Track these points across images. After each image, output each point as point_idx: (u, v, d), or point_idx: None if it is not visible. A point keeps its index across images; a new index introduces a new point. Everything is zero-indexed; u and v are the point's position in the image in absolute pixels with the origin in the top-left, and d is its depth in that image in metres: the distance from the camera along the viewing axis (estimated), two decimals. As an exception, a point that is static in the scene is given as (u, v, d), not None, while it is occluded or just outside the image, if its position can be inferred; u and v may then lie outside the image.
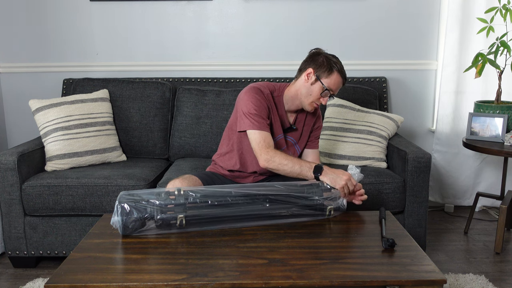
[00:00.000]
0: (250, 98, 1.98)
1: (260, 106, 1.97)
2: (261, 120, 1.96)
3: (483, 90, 3.06)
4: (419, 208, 2.39)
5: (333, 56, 2.04)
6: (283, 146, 2.11)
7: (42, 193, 2.34)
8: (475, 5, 2.96)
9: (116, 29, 3.11)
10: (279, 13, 3.08)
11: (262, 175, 2.16)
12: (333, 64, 1.99)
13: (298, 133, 2.16)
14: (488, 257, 2.57)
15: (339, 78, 2.00)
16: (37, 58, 3.14)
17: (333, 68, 1.98)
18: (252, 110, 1.96)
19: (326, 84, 1.98)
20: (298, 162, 1.89)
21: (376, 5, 3.09)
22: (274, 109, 2.06)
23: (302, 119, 2.15)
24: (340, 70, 2.00)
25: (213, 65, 3.15)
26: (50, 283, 1.35)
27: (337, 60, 2.02)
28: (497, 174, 3.14)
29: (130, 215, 1.62)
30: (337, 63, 2.00)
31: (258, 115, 1.96)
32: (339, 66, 2.00)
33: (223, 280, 1.36)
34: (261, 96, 2.00)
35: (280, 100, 2.08)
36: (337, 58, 2.03)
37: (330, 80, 1.99)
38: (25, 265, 2.46)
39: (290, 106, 2.09)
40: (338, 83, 2.01)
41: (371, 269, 1.42)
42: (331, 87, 2.00)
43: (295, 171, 1.88)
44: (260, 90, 2.02)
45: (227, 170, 2.16)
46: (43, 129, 2.57)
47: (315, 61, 2.01)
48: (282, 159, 1.89)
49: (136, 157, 2.85)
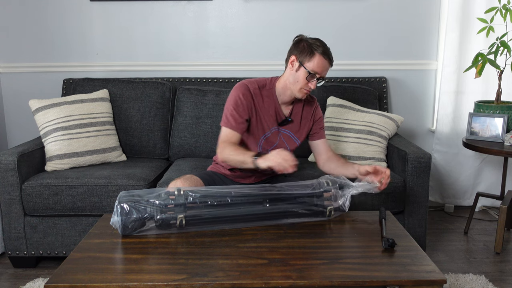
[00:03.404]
0: (232, 97, 2.04)
1: (239, 105, 2.01)
2: (233, 119, 2.00)
3: (483, 90, 3.06)
4: (419, 208, 2.39)
5: (316, 39, 2.02)
6: (275, 141, 2.11)
7: (42, 193, 2.34)
8: (475, 5, 2.95)
9: (116, 29, 3.11)
10: (279, 13, 3.08)
11: (264, 175, 2.17)
12: (314, 47, 1.97)
13: (295, 125, 2.15)
14: (488, 257, 2.57)
15: (322, 59, 1.98)
16: (37, 58, 3.14)
17: (314, 51, 1.97)
18: (230, 108, 2.02)
19: (309, 68, 1.97)
20: (242, 153, 1.89)
21: (376, 5, 3.09)
22: (263, 104, 2.07)
23: (299, 111, 2.15)
24: (324, 51, 1.98)
25: (213, 65, 3.15)
26: (50, 283, 1.35)
27: (320, 43, 2.00)
28: (497, 174, 3.14)
29: (130, 215, 1.62)
30: (320, 46, 1.98)
31: (233, 114, 2.00)
32: (322, 48, 1.98)
33: (223, 280, 1.36)
34: (245, 93, 2.03)
35: (272, 93, 2.09)
36: (320, 41, 2.01)
37: (313, 63, 1.97)
38: (25, 265, 2.46)
39: (283, 98, 2.09)
40: (321, 65, 1.98)
41: (371, 269, 1.42)
42: (315, 69, 1.98)
43: (239, 159, 1.89)
44: (247, 87, 2.04)
45: (228, 170, 2.17)
46: (43, 129, 2.57)
47: (297, 48, 2.01)
48: (231, 150, 1.92)
49: (136, 157, 2.85)
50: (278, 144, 2.11)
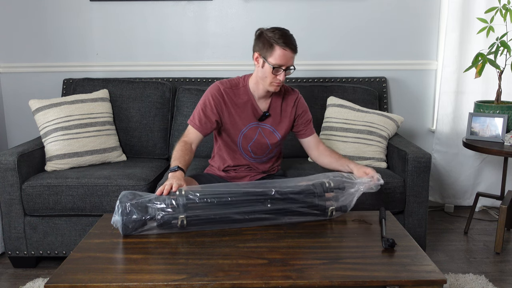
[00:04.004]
0: (202, 98, 2.10)
1: (207, 106, 2.06)
2: (199, 119, 2.05)
3: (483, 90, 3.06)
4: (419, 208, 2.39)
5: (274, 30, 1.98)
6: (253, 137, 2.12)
7: (42, 193, 2.34)
8: (475, 5, 2.95)
9: (116, 29, 3.11)
10: (279, 13, 3.08)
11: (258, 174, 2.18)
12: (273, 41, 1.95)
13: (276, 118, 2.15)
14: (488, 257, 2.57)
15: (283, 50, 1.95)
16: (37, 58, 3.14)
17: (274, 44, 1.95)
18: (199, 108, 2.08)
19: (272, 63, 1.96)
20: (177, 158, 1.93)
21: (376, 5, 3.09)
22: (238, 102, 2.08)
23: (277, 104, 2.15)
24: (285, 42, 1.95)
25: (213, 65, 3.15)
26: (50, 283, 1.35)
27: (280, 34, 1.96)
28: (497, 174, 3.14)
29: (131, 215, 1.62)
30: (280, 37, 1.95)
31: (199, 114, 2.06)
32: (282, 39, 1.95)
33: (223, 280, 1.36)
34: (214, 95, 2.06)
35: (247, 90, 2.10)
36: (280, 31, 1.98)
37: (274, 57, 1.96)
38: (25, 265, 2.46)
39: (259, 93, 2.10)
40: (284, 56, 1.96)
41: (371, 269, 1.42)
42: (279, 62, 1.96)
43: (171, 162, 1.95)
44: (218, 88, 2.08)
45: (222, 171, 2.19)
46: (43, 129, 2.57)
47: (258, 44, 2.01)
48: (176, 150, 1.98)
49: (136, 157, 2.85)
50: (256, 139, 2.12)
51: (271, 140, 2.14)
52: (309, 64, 3.11)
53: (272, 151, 2.19)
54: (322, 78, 3.05)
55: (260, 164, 2.21)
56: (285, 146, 2.75)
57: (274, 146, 2.17)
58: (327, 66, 3.14)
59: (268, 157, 2.21)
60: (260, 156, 2.18)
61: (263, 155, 2.18)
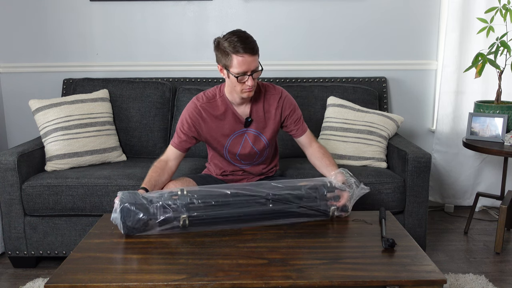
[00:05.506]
0: (180, 117, 2.09)
1: (184, 125, 2.06)
2: (177, 137, 2.06)
3: (483, 90, 3.06)
4: (419, 208, 2.39)
5: (228, 37, 1.90)
6: (239, 144, 2.09)
7: (42, 193, 2.34)
8: (475, 5, 2.95)
9: (116, 29, 3.11)
10: (279, 13, 3.08)
11: (255, 176, 2.18)
12: (229, 50, 1.88)
13: (260, 122, 2.10)
14: (488, 257, 2.57)
15: (240, 57, 1.88)
16: (37, 58, 3.14)
17: (230, 54, 1.89)
18: (177, 127, 2.08)
19: (235, 72, 1.90)
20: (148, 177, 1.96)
21: (376, 5, 3.09)
22: (217, 114, 2.05)
23: (259, 108, 2.09)
24: (241, 48, 1.86)
25: (213, 65, 3.10)
26: (50, 283, 1.35)
27: (235, 41, 1.87)
28: (497, 174, 3.14)
29: (133, 216, 1.62)
30: (235, 45, 1.87)
31: (178, 133, 2.07)
32: (237, 46, 1.86)
33: (223, 280, 1.36)
34: (191, 113, 2.05)
35: (224, 100, 2.06)
36: (234, 35, 1.89)
37: (235, 66, 1.90)
38: (25, 265, 2.46)
39: (236, 100, 2.04)
40: (243, 62, 1.88)
41: (371, 269, 1.42)
42: (241, 70, 1.90)
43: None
44: (195, 105, 2.06)
45: (219, 175, 2.20)
46: (43, 129, 2.57)
47: (217, 55, 1.96)
48: (151, 169, 2.02)
49: (136, 157, 2.85)
50: (242, 146, 2.10)
51: (258, 146, 2.11)
52: (309, 64, 3.11)
53: (262, 155, 2.17)
54: (322, 78, 3.05)
55: (253, 167, 2.18)
56: (285, 146, 2.76)
57: (263, 151, 2.14)
58: (327, 66, 3.14)
59: (259, 160, 2.18)
60: (250, 162, 2.17)
61: (253, 160, 2.16)
